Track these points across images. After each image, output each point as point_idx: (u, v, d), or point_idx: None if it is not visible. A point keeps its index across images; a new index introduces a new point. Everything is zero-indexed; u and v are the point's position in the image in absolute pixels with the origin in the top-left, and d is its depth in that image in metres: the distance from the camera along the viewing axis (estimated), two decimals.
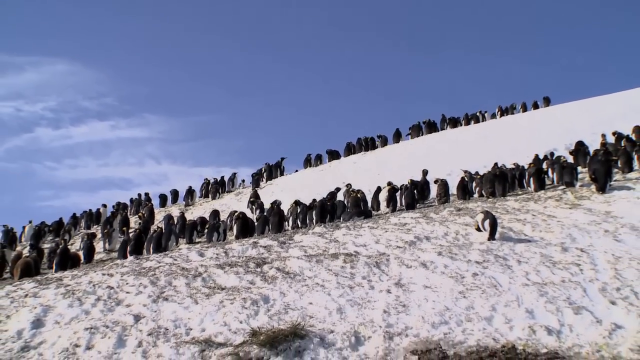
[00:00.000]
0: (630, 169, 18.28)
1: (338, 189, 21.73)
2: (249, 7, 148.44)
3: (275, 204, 19.27)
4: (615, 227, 13.57)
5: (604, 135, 22.18)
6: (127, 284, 11.22)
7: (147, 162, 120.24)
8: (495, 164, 20.24)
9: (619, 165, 18.39)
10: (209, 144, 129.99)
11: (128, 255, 15.91)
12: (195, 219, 19.89)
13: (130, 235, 17.71)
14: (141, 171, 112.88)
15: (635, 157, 18.52)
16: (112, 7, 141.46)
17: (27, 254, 17.37)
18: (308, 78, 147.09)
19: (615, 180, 17.23)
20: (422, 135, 36.60)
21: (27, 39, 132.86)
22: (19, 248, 22.34)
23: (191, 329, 9.27)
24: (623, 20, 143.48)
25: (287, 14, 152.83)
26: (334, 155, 35.47)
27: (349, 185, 21.78)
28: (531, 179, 18.44)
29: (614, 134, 22.24)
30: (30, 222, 25.91)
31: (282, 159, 34.78)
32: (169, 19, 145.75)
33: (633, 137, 21.61)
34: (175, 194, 32.14)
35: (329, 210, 18.09)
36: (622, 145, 20.29)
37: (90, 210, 28.82)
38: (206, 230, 18.29)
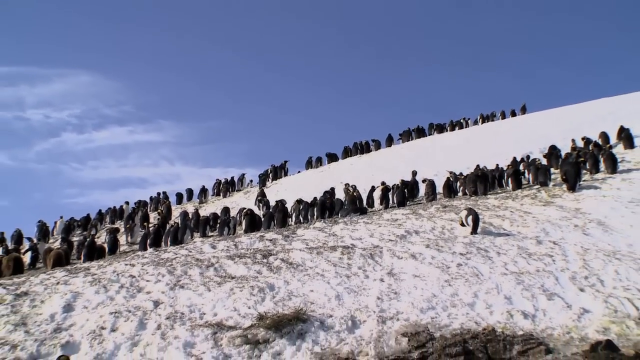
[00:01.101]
0: (597, 171, 18.32)
1: (333, 189, 21.70)
2: (255, 21, 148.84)
3: (280, 202, 19.27)
4: (583, 222, 13.61)
5: (573, 140, 22.20)
6: (147, 273, 11.22)
7: (161, 163, 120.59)
8: (477, 165, 20.24)
9: (587, 167, 18.43)
10: (217, 147, 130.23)
11: (148, 247, 15.90)
12: (208, 215, 19.84)
13: (150, 229, 17.72)
14: (156, 171, 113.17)
15: (602, 160, 18.54)
16: (129, 23, 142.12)
17: (59, 246, 17.39)
18: (309, 88, 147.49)
19: (584, 181, 17.27)
20: (411, 139, 36.59)
21: (55, 53, 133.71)
22: (51, 241, 22.38)
23: (204, 314, 9.27)
24: (591, 38, 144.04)
25: (290, 29, 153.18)
26: (332, 157, 35.42)
27: (347, 185, 21.75)
28: (509, 179, 18.50)
29: (582, 139, 22.29)
30: (61, 217, 25.92)
31: (286, 161, 34.80)
32: (180, 33, 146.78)
33: (599, 142, 21.66)
34: (190, 192, 32.13)
35: (328, 207, 18.10)
36: (590, 149, 20.35)
37: (114, 207, 28.81)
38: (218, 225, 18.29)
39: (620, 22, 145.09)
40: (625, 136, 21.60)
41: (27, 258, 16.23)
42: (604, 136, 22.13)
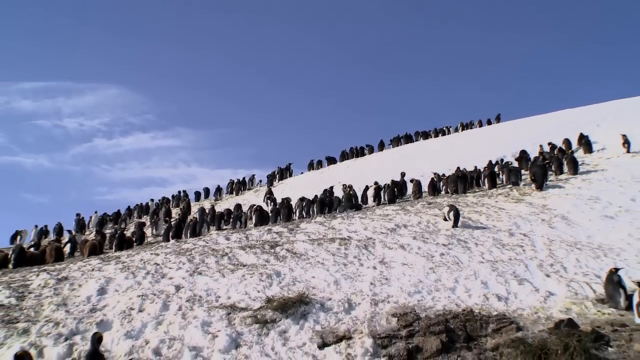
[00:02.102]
0: (561, 172, 18.34)
1: (331, 188, 21.67)
2: (262, 40, 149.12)
3: (285, 199, 19.24)
4: (549, 217, 13.62)
5: (541, 146, 22.17)
6: (169, 261, 11.24)
7: (179, 165, 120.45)
8: (458, 167, 20.20)
9: (553, 169, 18.44)
10: (228, 151, 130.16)
11: (170, 239, 15.89)
12: (222, 211, 19.83)
13: (172, 223, 17.69)
14: (175, 172, 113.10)
15: (565, 163, 18.56)
16: (151, 40, 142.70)
17: (93, 238, 17.40)
18: (310, 98, 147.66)
19: (550, 181, 17.27)
20: (400, 145, 36.48)
21: (87, 69, 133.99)
22: (87, 233, 22.38)
23: (219, 297, 9.28)
24: (558, 56, 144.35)
25: (294, 47, 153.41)
26: (331, 160, 35.36)
27: (344, 185, 21.72)
28: (486, 180, 18.48)
29: (549, 144, 22.27)
30: (95, 212, 25.83)
31: (290, 163, 34.71)
32: (196, 49, 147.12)
33: (563, 147, 21.67)
34: (207, 191, 32.05)
35: (327, 204, 18.07)
36: (555, 153, 20.37)
37: (140, 203, 28.73)
38: (231, 220, 18.29)
39: (581, 42, 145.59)
40: (584, 142, 21.62)
41: (67, 248, 16.24)
42: (567, 142, 22.12)
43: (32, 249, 15.81)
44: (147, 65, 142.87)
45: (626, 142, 19.59)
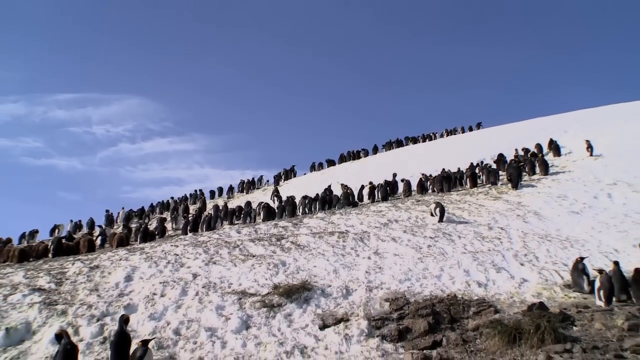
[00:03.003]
0: (534, 173, 18.33)
1: (330, 187, 21.65)
2: (267, 57, 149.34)
3: (290, 197, 19.25)
4: (524, 213, 13.61)
5: (516, 150, 22.16)
6: (187, 252, 11.26)
7: (194, 166, 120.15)
8: (443, 169, 20.19)
9: (526, 170, 18.43)
10: (237, 154, 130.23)
11: (188, 232, 15.92)
12: (234, 208, 19.81)
13: (190, 218, 17.72)
14: (190, 173, 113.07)
15: (537, 164, 18.56)
16: (169, 55, 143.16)
17: (121, 231, 17.42)
18: (312, 107, 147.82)
19: (524, 181, 17.25)
20: (392, 149, 36.29)
21: (112, 81, 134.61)
22: (115, 226, 22.40)
23: (232, 284, 9.30)
24: (533, 68, 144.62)
25: (297, 62, 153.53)
26: (331, 162, 35.16)
27: (342, 184, 21.70)
28: (468, 180, 18.48)
29: (523, 149, 22.25)
30: (122, 208, 25.78)
31: (294, 165, 34.49)
32: (209, 62, 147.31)
33: (535, 151, 21.67)
34: (220, 190, 31.92)
35: (327, 201, 18.08)
36: (528, 156, 20.37)
37: (162, 201, 28.66)
38: (242, 215, 18.28)
39: (551, 57, 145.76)
40: (554, 147, 21.59)
41: (98, 240, 16.27)
42: (539, 147, 22.11)
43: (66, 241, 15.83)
44: (166, 77, 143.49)
45: (589, 147, 19.67)
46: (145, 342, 6.54)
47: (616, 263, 8.57)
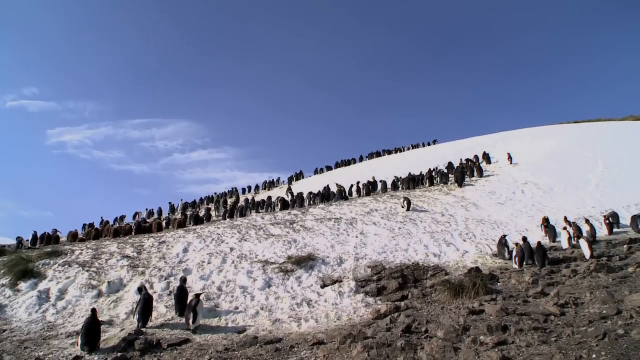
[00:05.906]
0: (473, 176, 18.14)
1: (329, 186, 21.52)
2: (271, 83, 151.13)
3: (299, 193, 19.09)
4: (466, 204, 13.48)
5: (461, 159, 22.01)
6: (226, 232, 11.21)
7: (226, 170, 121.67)
8: (410, 172, 20.04)
9: (468, 174, 18.29)
10: (257, 161, 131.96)
11: (226, 218, 15.82)
12: (259, 200, 19.70)
13: (227, 208, 17.60)
14: (223, 174, 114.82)
15: (475, 169, 18.41)
16: (209, 88, 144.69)
17: (180, 217, 17.36)
18: (313, 126, 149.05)
19: (466, 181, 17.12)
20: (373, 158, 36.04)
21: (168, 109, 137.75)
22: (176, 213, 22.36)
23: (257, 255, 9.25)
24: (469, 97, 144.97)
25: (304, 94, 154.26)
26: (329, 168, 35.05)
27: (337, 184, 21.56)
28: (427, 180, 18.31)
29: (465, 159, 22.11)
30: (181, 200, 25.76)
31: (301, 170, 34.46)
32: (235, 92, 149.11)
33: (474, 160, 21.54)
34: (249, 187, 31.87)
35: (326, 196, 17.98)
36: (469, 164, 20.23)
37: (208, 195, 28.63)
38: (265, 206, 18.17)
39: (484, 87, 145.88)
40: (486, 157, 21.47)
41: (164, 223, 16.24)
42: (476, 157, 21.95)
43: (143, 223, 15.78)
44: (205, 105, 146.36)
45: (510, 158, 19.77)
46: (197, 295, 6.55)
47: (524, 239, 8.59)
